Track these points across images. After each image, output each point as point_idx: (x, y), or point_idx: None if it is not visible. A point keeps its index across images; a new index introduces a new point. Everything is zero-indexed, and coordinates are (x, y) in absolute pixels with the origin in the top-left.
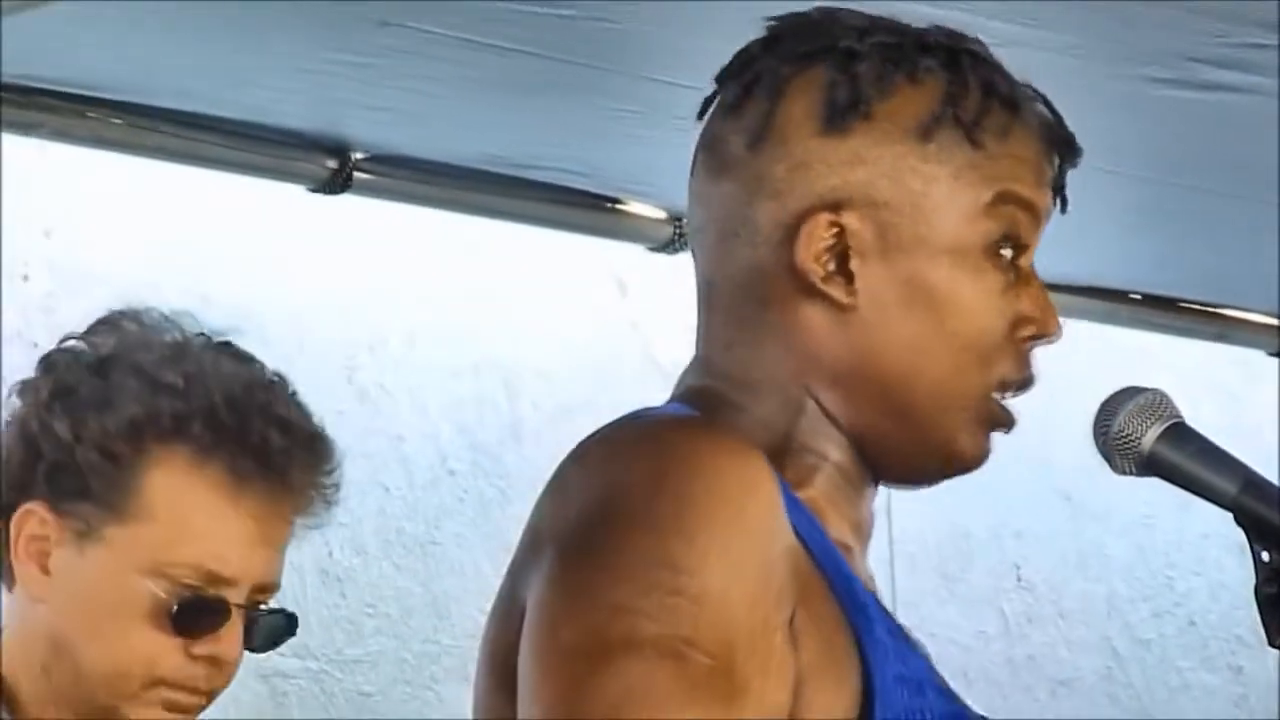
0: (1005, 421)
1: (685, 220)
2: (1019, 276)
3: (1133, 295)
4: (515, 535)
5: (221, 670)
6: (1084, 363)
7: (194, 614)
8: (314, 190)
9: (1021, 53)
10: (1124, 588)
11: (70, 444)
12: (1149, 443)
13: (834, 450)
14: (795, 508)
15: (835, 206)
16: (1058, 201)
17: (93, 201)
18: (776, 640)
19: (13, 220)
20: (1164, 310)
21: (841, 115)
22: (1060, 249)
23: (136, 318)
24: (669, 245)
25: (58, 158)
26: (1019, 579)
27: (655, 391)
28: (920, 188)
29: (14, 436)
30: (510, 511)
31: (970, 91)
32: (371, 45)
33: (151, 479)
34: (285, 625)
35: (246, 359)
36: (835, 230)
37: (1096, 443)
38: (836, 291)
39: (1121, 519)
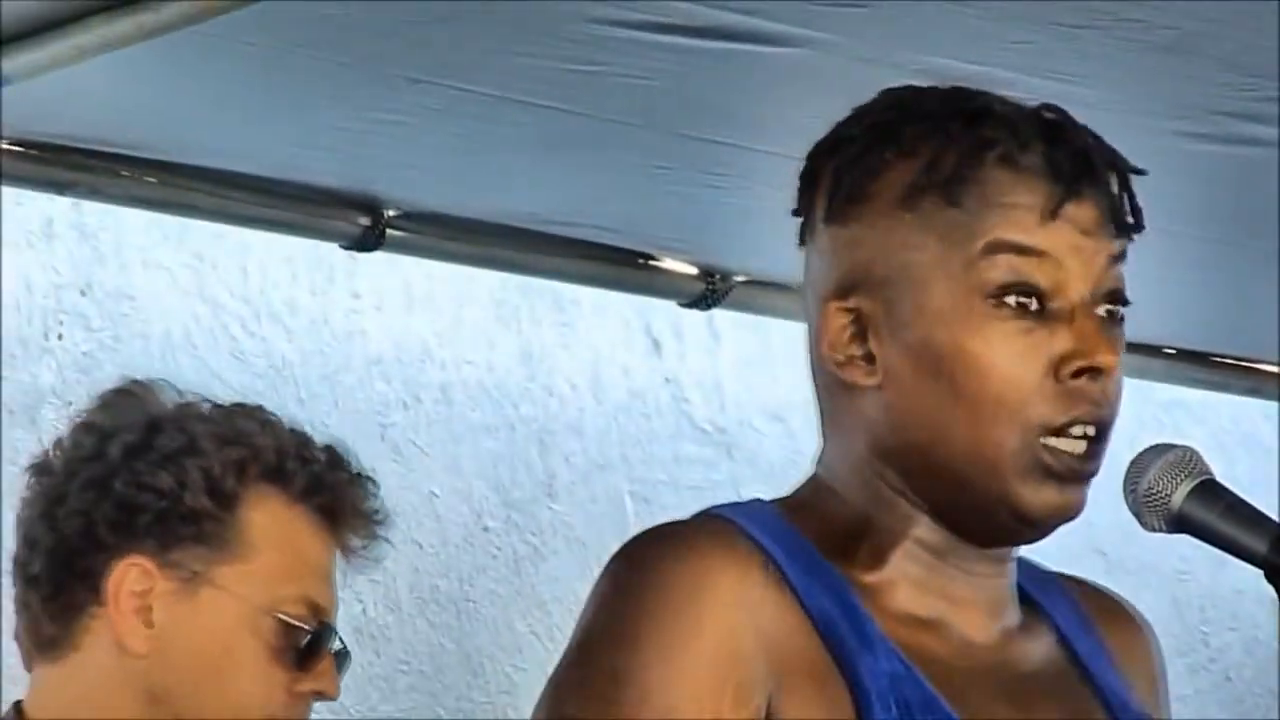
0: (1061, 469)
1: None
2: (1050, 317)
3: (1166, 350)
4: (549, 592)
5: (310, 708)
6: (1118, 418)
7: (309, 649)
8: (347, 248)
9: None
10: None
11: (176, 491)
12: (1179, 500)
13: (913, 526)
14: (826, 594)
15: (844, 293)
16: (1116, 222)
17: (128, 260)
18: None
19: (48, 279)
20: (1197, 365)
21: (840, 203)
22: None
23: (147, 388)
24: (702, 301)
25: (93, 216)
26: None
27: (689, 447)
28: (910, 257)
29: (90, 499)
30: (544, 568)
31: (951, 152)
32: (403, 103)
33: (253, 517)
34: (348, 661)
35: (270, 411)
36: (852, 316)
37: (1127, 500)
38: (856, 375)
39: (1156, 575)
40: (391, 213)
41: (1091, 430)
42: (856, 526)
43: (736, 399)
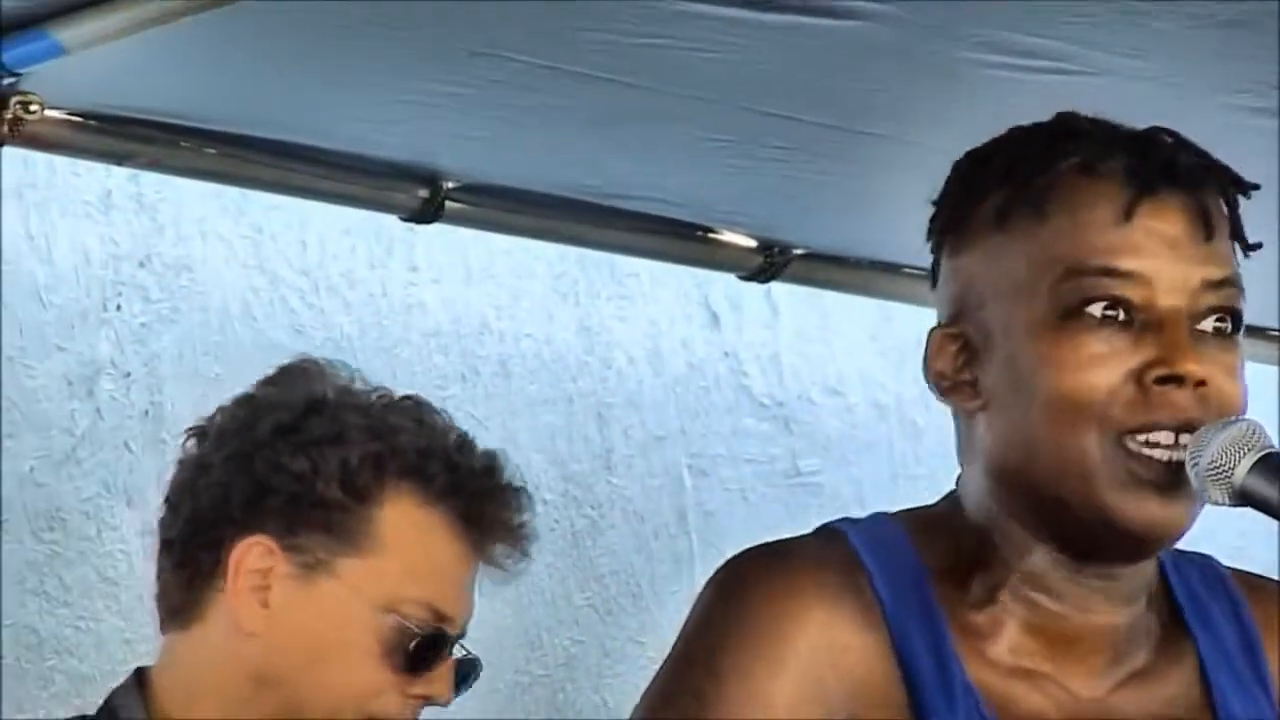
0: (1153, 476)
1: None
2: (1138, 328)
3: None
4: (607, 565)
5: (419, 711)
6: None
7: (423, 652)
8: (406, 219)
9: (1120, 82)
10: None
11: (309, 477)
12: (1241, 474)
13: (1027, 556)
14: (923, 636)
15: (953, 319)
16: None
17: (187, 232)
18: None
19: (106, 250)
20: (1257, 339)
21: (948, 236)
22: None
23: (325, 367)
24: (761, 274)
25: (151, 187)
26: None
27: (747, 420)
28: (1002, 278)
29: (230, 472)
30: (602, 541)
31: (1034, 167)
32: (464, 75)
33: (386, 514)
34: (476, 670)
35: (439, 411)
36: (960, 342)
37: (1189, 474)
38: (962, 400)
39: (1212, 546)
40: (450, 185)
41: (1186, 439)
42: (974, 555)
43: (795, 372)
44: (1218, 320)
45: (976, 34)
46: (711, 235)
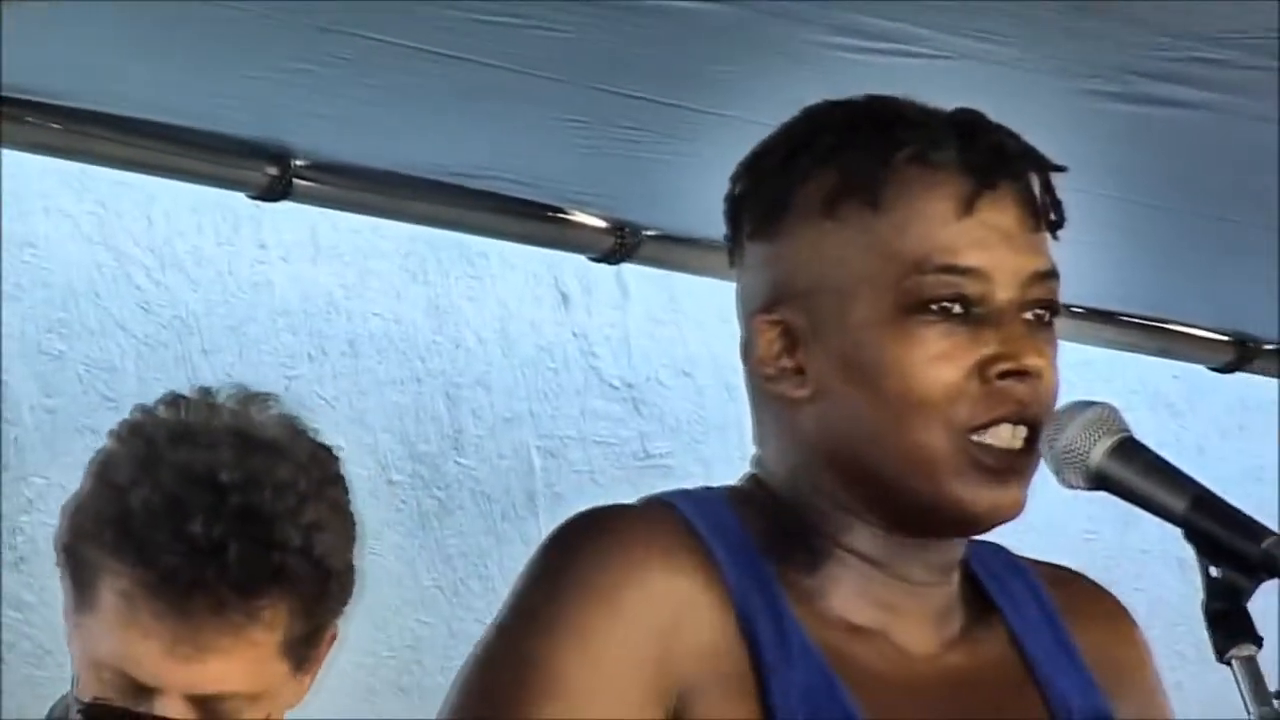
0: (995, 464)
1: None
2: (976, 321)
3: (1075, 309)
4: (455, 547)
5: None
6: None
7: None
8: (254, 197)
9: (968, 65)
10: None
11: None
12: (1097, 457)
13: (850, 536)
14: (760, 597)
15: (771, 306)
16: (1042, 207)
17: (29, 207)
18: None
19: None
20: (1106, 324)
21: (762, 219)
22: None
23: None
24: (611, 255)
25: None
26: None
27: (596, 402)
28: (833, 268)
29: None
30: (450, 522)
31: (865, 155)
32: (313, 52)
33: (98, 579)
34: None
35: (218, 446)
36: (779, 329)
37: (1044, 456)
38: (787, 388)
39: (1064, 535)
40: (299, 162)
41: (1022, 431)
42: (792, 530)
43: (644, 354)
44: (1040, 309)
45: (823, 16)
46: (562, 216)
